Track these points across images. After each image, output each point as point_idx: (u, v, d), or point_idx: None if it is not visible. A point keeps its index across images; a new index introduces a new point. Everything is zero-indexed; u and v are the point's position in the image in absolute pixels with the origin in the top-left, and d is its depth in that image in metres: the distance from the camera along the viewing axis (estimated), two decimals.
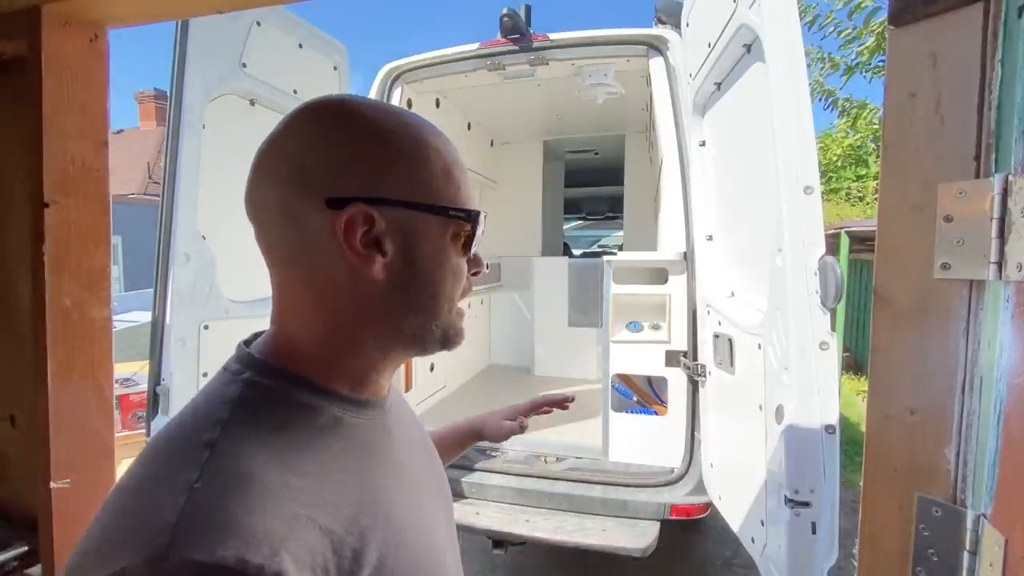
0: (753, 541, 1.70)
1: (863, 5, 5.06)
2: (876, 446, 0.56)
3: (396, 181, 0.50)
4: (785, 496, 1.42)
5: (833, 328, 1.42)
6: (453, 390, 4.14)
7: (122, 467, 0.53)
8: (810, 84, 2.71)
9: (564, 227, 6.73)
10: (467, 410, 2.23)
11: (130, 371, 3.31)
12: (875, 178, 10.01)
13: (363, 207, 0.48)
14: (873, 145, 9.20)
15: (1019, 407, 0.45)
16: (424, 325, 0.54)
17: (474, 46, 2.97)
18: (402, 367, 2.64)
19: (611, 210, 7.44)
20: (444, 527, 0.61)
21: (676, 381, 2.45)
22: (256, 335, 0.57)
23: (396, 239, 0.50)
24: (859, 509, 0.58)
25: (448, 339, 0.56)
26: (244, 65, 2.08)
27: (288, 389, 0.49)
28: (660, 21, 2.93)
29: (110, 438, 1.02)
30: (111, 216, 1.03)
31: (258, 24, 2.12)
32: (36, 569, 0.98)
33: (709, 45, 2.01)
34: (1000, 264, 0.47)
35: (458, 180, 0.55)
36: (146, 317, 2.17)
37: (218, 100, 2.00)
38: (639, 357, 2.51)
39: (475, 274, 0.58)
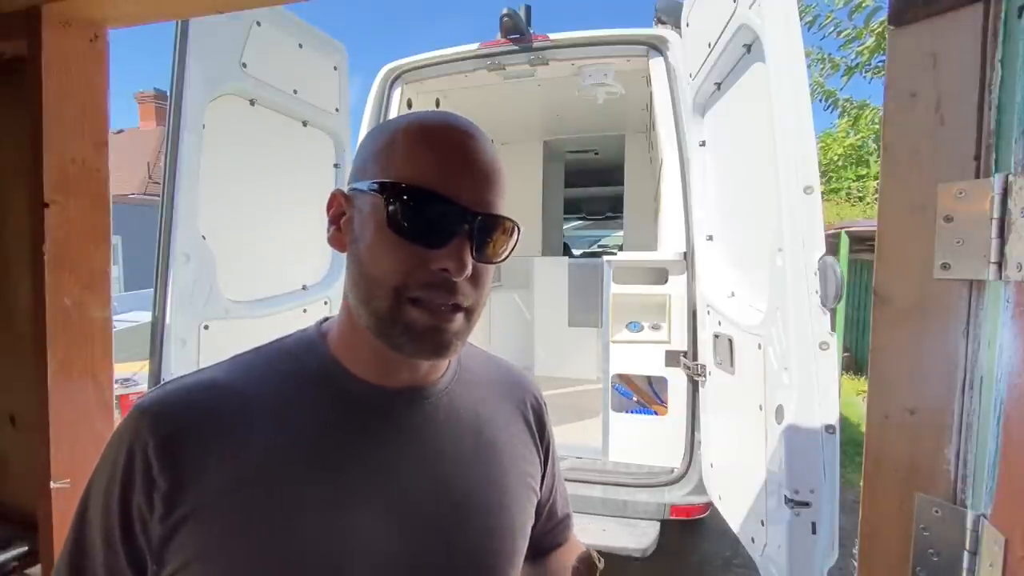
0: (753, 541, 1.70)
1: (863, 5, 5.06)
2: (876, 446, 0.56)
3: (363, 166, 0.55)
4: (785, 496, 1.42)
5: (833, 328, 1.42)
6: None
7: None
8: (810, 84, 2.71)
9: (564, 227, 6.73)
10: None
11: (130, 371, 3.31)
12: (875, 178, 10.01)
13: (338, 192, 0.56)
14: (874, 145, 9.21)
15: (1019, 407, 0.45)
16: (360, 306, 0.53)
17: (474, 46, 2.97)
18: None
19: (611, 210, 7.43)
20: (379, 554, 0.52)
21: (676, 381, 2.44)
22: None
23: (353, 220, 0.55)
24: (859, 509, 0.58)
25: (389, 332, 0.51)
26: (244, 65, 2.08)
27: (304, 348, 0.58)
28: (660, 21, 2.93)
29: None
30: (111, 216, 1.03)
31: (258, 24, 2.12)
32: (36, 569, 0.98)
33: (709, 45, 2.01)
34: (1000, 264, 0.47)
35: (410, 154, 0.51)
36: (146, 317, 2.17)
37: (218, 100, 2.00)
38: (639, 357, 2.51)
39: (443, 271, 0.50)
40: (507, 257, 0.55)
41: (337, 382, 0.56)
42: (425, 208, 0.50)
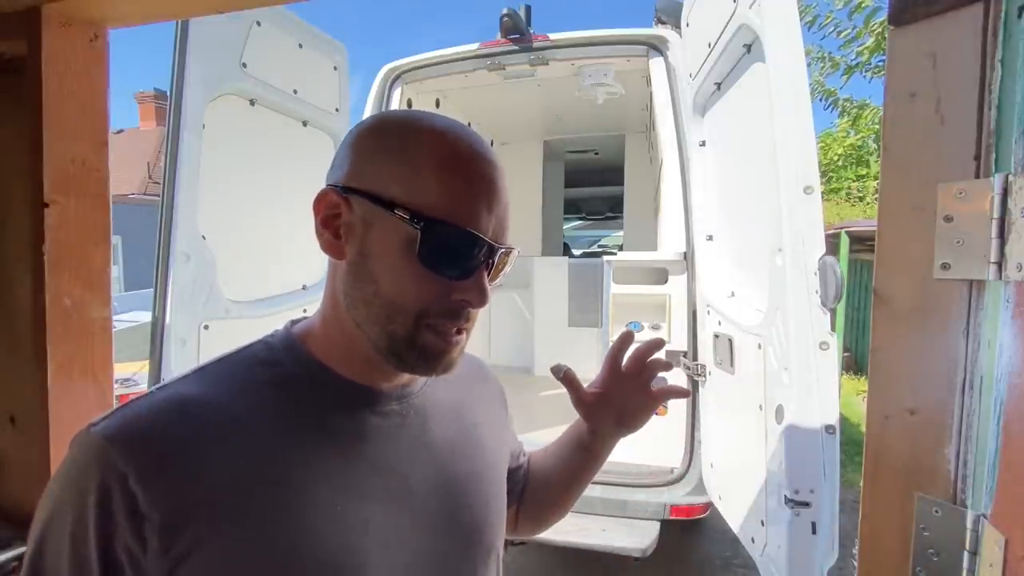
0: (753, 541, 1.70)
1: (863, 5, 5.06)
2: (876, 446, 0.56)
3: (376, 174, 0.51)
4: (785, 496, 1.42)
5: (833, 328, 1.42)
6: None
7: None
8: (810, 84, 2.71)
9: (564, 227, 6.73)
10: None
11: (130, 371, 3.31)
12: (875, 178, 10.01)
13: (332, 191, 0.52)
14: (874, 145, 9.21)
15: (1019, 407, 0.45)
16: (370, 325, 0.52)
17: (474, 46, 2.97)
18: None
19: (611, 210, 7.44)
20: (393, 545, 0.53)
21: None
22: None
23: (358, 230, 0.52)
24: (859, 509, 0.58)
25: (403, 355, 0.52)
26: (244, 65, 2.08)
27: (283, 354, 0.56)
28: (660, 21, 2.93)
29: None
30: (111, 216, 1.03)
31: (258, 24, 2.12)
32: None
33: (709, 45, 2.01)
34: (1000, 264, 0.47)
35: (443, 185, 0.49)
36: (146, 317, 2.17)
37: (218, 100, 2.00)
38: None
39: (462, 303, 0.52)
40: (501, 281, 0.58)
41: (326, 385, 0.55)
42: (459, 245, 0.50)
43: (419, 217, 0.49)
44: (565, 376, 0.75)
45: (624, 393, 0.78)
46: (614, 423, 0.78)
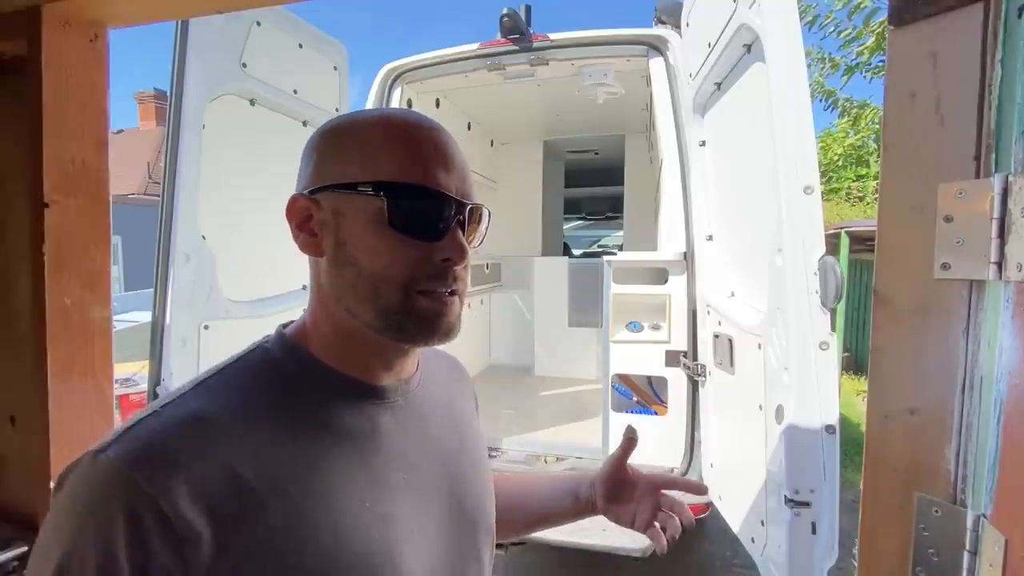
0: (753, 541, 1.70)
1: (863, 5, 5.06)
2: (876, 446, 0.56)
3: (334, 168, 0.54)
4: (785, 496, 1.42)
5: (833, 328, 1.42)
6: None
7: None
8: (810, 84, 2.71)
9: (564, 227, 6.73)
10: None
11: (130, 371, 3.31)
12: (875, 178, 10.01)
13: (299, 196, 0.55)
14: (874, 145, 9.20)
15: (1019, 407, 0.45)
16: (361, 306, 0.54)
17: (474, 46, 2.97)
18: None
19: (611, 210, 7.43)
20: (417, 534, 0.56)
21: (676, 381, 2.44)
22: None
23: (331, 222, 0.54)
24: (859, 509, 0.58)
25: (403, 324, 0.53)
26: (244, 65, 2.08)
27: (285, 357, 0.56)
28: (660, 21, 2.92)
29: None
30: (111, 216, 1.03)
31: (258, 24, 2.12)
32: None
33: (709, 45, 2.01)
34: (1000, 264, 0.47)
35: (396, 154, 0.52)
36: (146, 317, 2.17)
37: (218, 100, 2.00)
38: (639, 357, 2.51)
39: (446, 261, 0.53)
40: (481, 243, 0.61)
41: (332, 383, 0.56)
42: (425, 204, 0.53)
43: (382, 186, 0.52)
44: (631, 440, 0.85)
45: (637, 496, 0.84)
46: (608, 499, 0.83)
